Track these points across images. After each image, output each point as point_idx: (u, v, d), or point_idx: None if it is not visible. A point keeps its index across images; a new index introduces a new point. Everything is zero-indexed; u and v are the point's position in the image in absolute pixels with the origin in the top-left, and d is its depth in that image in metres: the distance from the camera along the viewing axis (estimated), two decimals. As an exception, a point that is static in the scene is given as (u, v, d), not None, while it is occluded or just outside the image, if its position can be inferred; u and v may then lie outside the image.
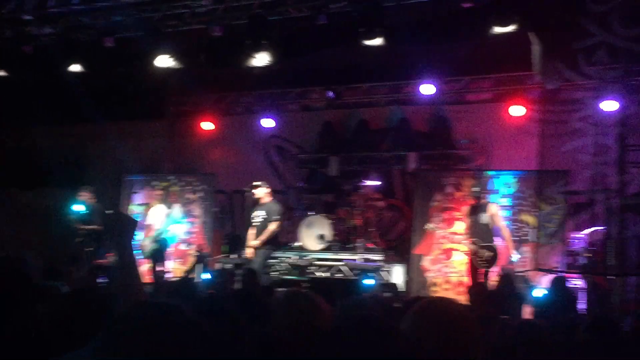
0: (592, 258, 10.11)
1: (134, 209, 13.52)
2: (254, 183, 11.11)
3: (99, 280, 9.55)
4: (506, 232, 10.21)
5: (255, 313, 4.30)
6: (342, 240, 12.23)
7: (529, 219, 11.15)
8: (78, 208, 11.59)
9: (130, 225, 7.29)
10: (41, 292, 4.12)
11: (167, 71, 11.48)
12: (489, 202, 10.35)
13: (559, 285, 8.24)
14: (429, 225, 10.96)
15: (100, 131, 15.16)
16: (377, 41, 9.84)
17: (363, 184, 12.44)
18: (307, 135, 14.63)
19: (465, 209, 10.49)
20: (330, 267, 11.77)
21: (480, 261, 9.98)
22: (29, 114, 14.27)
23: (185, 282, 8.12)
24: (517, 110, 12.52)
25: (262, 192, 10.99)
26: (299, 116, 14.78)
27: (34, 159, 15.08)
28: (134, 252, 8.60)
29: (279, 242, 11.57)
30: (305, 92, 14.44)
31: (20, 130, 15.30)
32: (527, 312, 8.61)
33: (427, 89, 12.88)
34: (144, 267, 11.27)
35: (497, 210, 10.22)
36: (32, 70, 12.16)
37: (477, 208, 10.16)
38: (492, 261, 10.00)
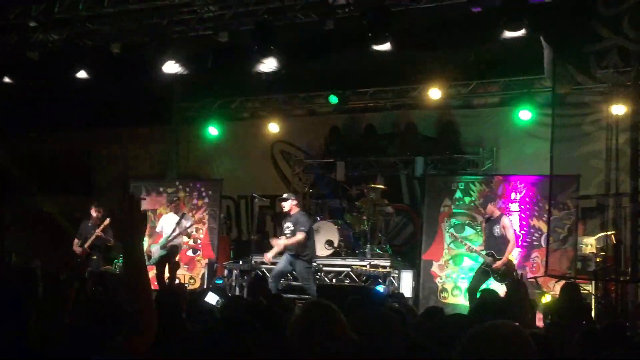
0: (602, 264, 9.99)
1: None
2: (283, 196, 10.85)
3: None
4: (511, 244, 10.02)
5: (266, 323, 4.24)
6: (349, 246, 12.13)
7: (539, 224, 11.03)
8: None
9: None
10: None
11: (174, 77, 11.43)
12: (501, 215, 10.14)
13: (571, 291, 8.11)
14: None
15: (106, 137, 15.13)
16: (385, 46, 9.77)
17: (370, 189, 12.33)
18: (313, 140, 14.57)
19: (480, 219, 10.36)
20: (338, 273, 11.67)
21: (497, 275, 9.80)
22: (35, 120, 14.24)
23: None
24: (526, 114, 12.47)
25: (289, 205, 10.67)
26: (306, 121, 14.71)
27: (41, 165, 15.05)
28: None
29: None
30: (311, 96, 14.37)
31: (27, 136, 15.27)
32: (539, 319, 8.50)
33: (434, 94, 12.82)
34: (151, 274, 11.17)
35: (509, 223, 10.06)
36: (38, 76, 12.11)
37: (491, 221, 10.01)
38: (507, 273, 9.83)
